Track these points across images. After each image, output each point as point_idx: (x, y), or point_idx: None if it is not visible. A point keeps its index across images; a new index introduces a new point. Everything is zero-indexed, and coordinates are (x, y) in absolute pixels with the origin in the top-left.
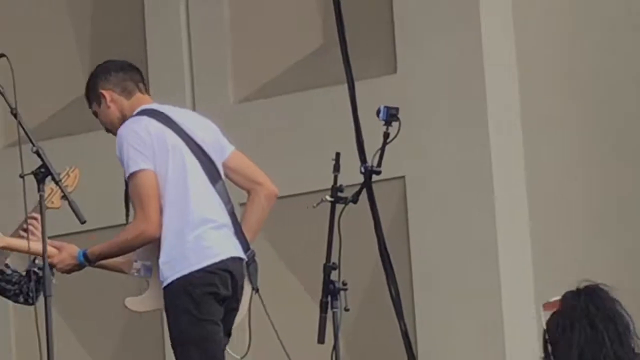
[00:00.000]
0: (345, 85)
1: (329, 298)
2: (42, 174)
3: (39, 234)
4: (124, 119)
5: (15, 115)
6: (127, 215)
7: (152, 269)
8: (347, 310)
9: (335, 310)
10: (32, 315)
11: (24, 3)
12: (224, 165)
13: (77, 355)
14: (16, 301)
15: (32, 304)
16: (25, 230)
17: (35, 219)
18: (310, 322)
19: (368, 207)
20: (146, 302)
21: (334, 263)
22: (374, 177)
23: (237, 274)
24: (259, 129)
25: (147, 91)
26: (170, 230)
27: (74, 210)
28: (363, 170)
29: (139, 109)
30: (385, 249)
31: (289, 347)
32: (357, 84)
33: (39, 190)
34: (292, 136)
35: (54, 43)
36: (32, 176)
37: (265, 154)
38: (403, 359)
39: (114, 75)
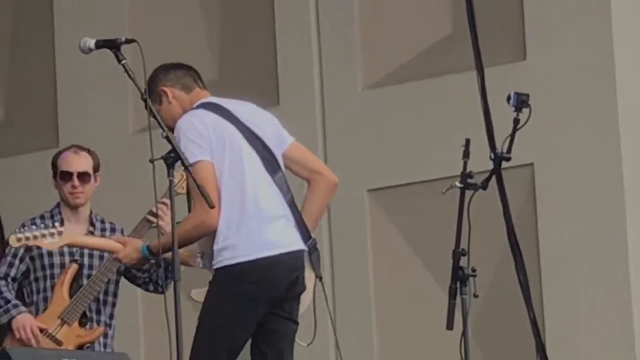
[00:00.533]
0: (475, 72)
1: (458, 284)
2: (172, 158)
3: (167, 218)
4: (185, 112)
5: (145, 101)
6: (189, 207)
7: (210, 259)
8: (476, 296)
9: (464, 296)
10: (160, 300)
11: None
12: (284, 156)
13: None
14: (146, 289)
15: (162, 292)
16: (155, 214)
17: (165, 204)
18: (438, 309)
19: (497, 193)
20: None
21: (463, 249)
22: (503, 164)
23: (289, 268)
24: (388, 116)
25: (205, 87)
26: (225, 220)
27: (203, 195)
28: (493, 156)
29: (197, 103)
30: (514, 235)
31: (418, 333)
32: (486, 71)
33: (168, 175)
34: (421, 122)
35: (184, 31)
36: (161, 162)
37: (393, 140)
38: (531, 346)
39: (172, 73)
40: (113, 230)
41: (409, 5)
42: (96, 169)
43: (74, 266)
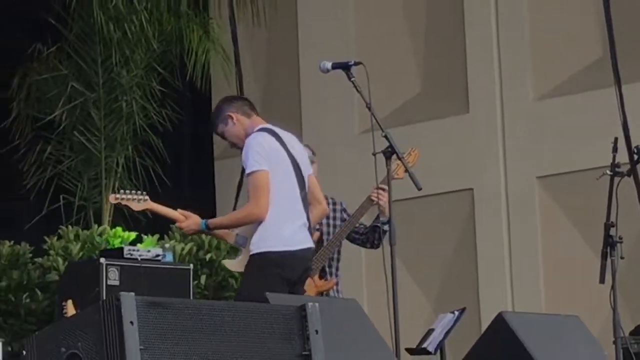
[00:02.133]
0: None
1: (608, 249)
2: (389, 152)
3: (385, 199)
4: (246, 133)
5: (369, 109)
6: (236, 200)
7: (247, 242)
8: (622, 258)
9: (612, 258)
10: (380, 258)
11: (375, 19)
12: None
13: (412, 289)
14: (364, 246)
15: (377, 247)
16: (377, 196)
17: (383, 188)
18: (593, 269)
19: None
20: (237, 264)
21: (612, 222)
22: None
23: (303, 259)
24: (557, 123)
25: (258, 114)
26: (269, 218)
27: (413, 181)
28: (636, 151)
29: (258, 127)
30: None
31: (577, 287)
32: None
33: (386, 165)
34: (578, 125)
35: (392, 52)
36: (381, 155)
37: (558, 138)
38: None
39: (235, 102)
40: (334, 203)
41: (569, 32)
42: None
43: (316, 233)
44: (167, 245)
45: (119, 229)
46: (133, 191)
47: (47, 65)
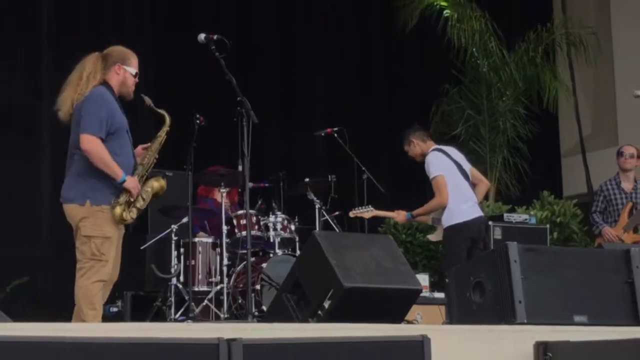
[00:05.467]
0: None
1: None
2: None
3: None
4: (422, 152)
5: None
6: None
7: (440, 221)
8: None
9: None
10: None
11: None
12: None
13: None
14: None
15: None
16: None
17: None
18: None
19: None
20: (436, 236)
21: None
22: None
23: (478, 224)
24: None
25: (432, 139)
26: (450, 203)
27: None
28: None
29: (433, 147)
30: None
31: None
32: None
33: None
34: None
35: None
36: None
37: None
38: None
39: (417, 132)
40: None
41: None
42: None
43: (630, 204)
44: (531, 213)
45: (499, 203)
46: (362, 207)
47: (451, 99)
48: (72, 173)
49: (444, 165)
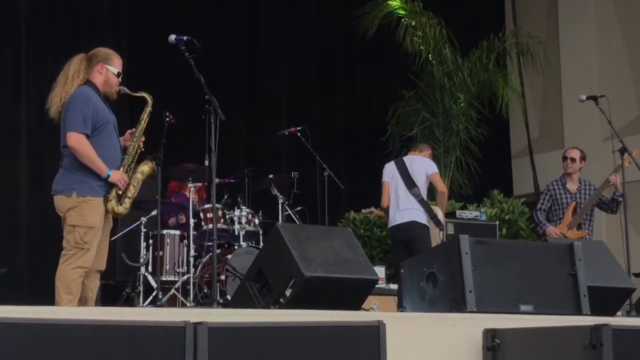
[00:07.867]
0: None
1: None
2: (622, 150)
3: (618, 180)
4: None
5: (609, 123)
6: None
7: (440, 224)
8: None
9: None
10: (616, 219)
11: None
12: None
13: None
14: (607, 212)
15: (615, 213)
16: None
17: (615, 173)
18: None
19: None
20: (434, 239)
21: None
22: None
23: (408, 230)
24: None
25: (416, 150)
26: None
27: (637, 166)
28: None
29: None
30: None
31: None
32: None
33: (620, 158)
34: None
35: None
36: (617, 152)
37: None
38: None
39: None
40: (589, 184)
41: None
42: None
43: (572, 202)
44: (482, 210)
45: (451, 201)
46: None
47: (408, 102)
48: (61, 167)
49: (390, 174)
